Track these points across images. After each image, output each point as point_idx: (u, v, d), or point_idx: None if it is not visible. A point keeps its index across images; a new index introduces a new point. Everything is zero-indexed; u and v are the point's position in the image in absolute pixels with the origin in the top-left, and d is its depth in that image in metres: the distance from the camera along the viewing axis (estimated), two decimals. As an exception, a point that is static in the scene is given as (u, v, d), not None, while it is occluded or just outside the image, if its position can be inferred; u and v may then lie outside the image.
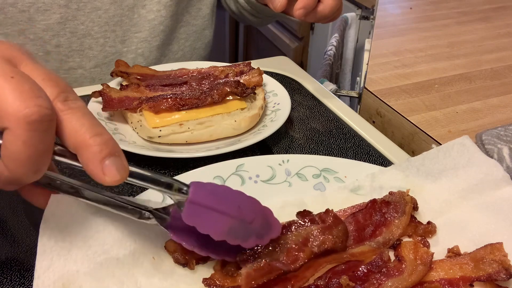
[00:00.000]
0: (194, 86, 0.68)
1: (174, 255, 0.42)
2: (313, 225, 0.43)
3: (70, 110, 0.33)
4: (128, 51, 0.84)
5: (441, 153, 0.50)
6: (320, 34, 1.98)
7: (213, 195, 0.39)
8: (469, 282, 0.40)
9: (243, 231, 0.39)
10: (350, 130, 0.66)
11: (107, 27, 0.79)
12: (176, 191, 0.37)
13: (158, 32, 0.85)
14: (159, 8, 0.83)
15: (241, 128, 0.62)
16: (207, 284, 0.40)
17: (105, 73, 0.83)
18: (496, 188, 0.47)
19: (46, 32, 0.75)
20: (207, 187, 0.39)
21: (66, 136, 0.33)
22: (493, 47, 0.91)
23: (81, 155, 0.33)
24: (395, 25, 1.03)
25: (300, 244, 0.42)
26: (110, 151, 0.33)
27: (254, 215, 0.40)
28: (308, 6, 0.64)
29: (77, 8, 0.76)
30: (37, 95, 0.31)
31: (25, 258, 0.44)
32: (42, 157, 0.32)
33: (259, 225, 0.40)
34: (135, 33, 0.83)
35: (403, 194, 0.47)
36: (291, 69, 0.83)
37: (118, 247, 0.40)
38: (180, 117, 0.61)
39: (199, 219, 0.38)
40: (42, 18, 0.74)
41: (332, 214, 0.44)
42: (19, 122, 0.30)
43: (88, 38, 0.79)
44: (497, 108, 0.71)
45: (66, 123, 0.33)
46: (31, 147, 0.31)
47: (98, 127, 0.34)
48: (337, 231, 0.43)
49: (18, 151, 0.31)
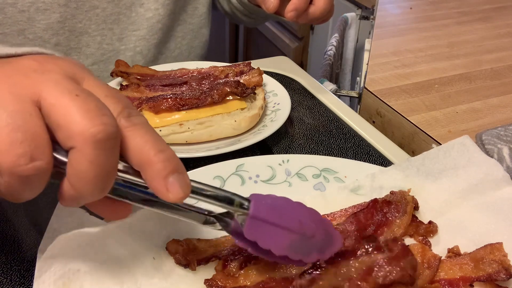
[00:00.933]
0: (194, 86, 0.68)
1: (176, 256, 0.42)
2: (379, 254, 0.39)
3: (134, 126, 0.33)
4: (126, 49, 0.84)
5: (441, 153, 0.50)
6: (320, 34, 1.98)
7: (274, 209, 0.38)
8: (469, 282, 0.40)
9: (305, 246, 0.38)
10: (350, 130, 0.66)
11: (104, 25, 0.80)
12: (237, 207, 0.37)
13: (156, 30, 0.85)
14: (157, 7, 0.83)
15: (241, 128, 0.62)
16: (208, 285, 0.40)
17: (102, 70, 0.84)
18: (496, 188, 0.47)
19: (46, 32, 0.75)
20: (267, 200, 0.38)
21: (129, 153, 0.33)
22: (493, 47, 0.91)
23: (145, 172, 0.33)
24: (395, 25, 1.03)
25: (364, 274, 0.38)
26: (173, 168, 0.33)
27: (315, 228, 0.39)
28: (300, 8, 0.65)
29: (76, 7, 0.76)
30: (102, 113, 0.31)
31: (25, 258, 0.44)
32: (108, 175, 0.32)
33: (320, 239, 0.39)
34: (133, 31, 0.83)
35: (404, 193, 0.47)
36: (291, 69, 0.83)
37: (118, 247, 0.40)
38: (180, 117, 0.61)
39: (261, 234, 0.37)
40: (42, 18, 0.74)
41: (400, 243, 0.40)
42: (86, 141, 0.30)
43: (85, 36, 0.80)
44: (497, 108, 0.71)
45: (130, 140, 0.33)
46: (98, 166, 0.30)
47: (161, 143, 0.33)
48: (405, 262, 0.39)
49: (85, 171, 0.30)
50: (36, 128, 0.30)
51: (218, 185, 0.50)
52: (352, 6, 1.64)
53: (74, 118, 0.30)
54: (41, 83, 0.31)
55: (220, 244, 0.44)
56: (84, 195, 0.32)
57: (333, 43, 1.34)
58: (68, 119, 0.30)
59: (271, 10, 0.67)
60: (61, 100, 0.30)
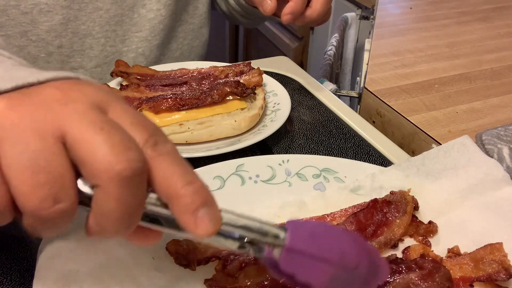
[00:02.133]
0: (194, 86, 0.68)
1: (176, 256, 0.42)
2: (412, 273, 0.38)
3: (161, 156, 0.31)
4: (128, 50, 0.84)
5: (441, 153, 0.50)
6: (320, 34, 1.98)
7: (313, 239, 0.35)
8: (469, 282, 0.40)
9: (347, 279, 0.35)
10: (350, 130, 0.66)
11: (108, 27, 0.80)
12: (272, 237, 0.34)
13: (158, 31, 0.85)
14: (159, 7, 0.83)
15: (241, 128, 0.62)
16: (209, 285, 0.40)
17: (105, 72, 0.83)
18: (496, 188, 0.47)
19: (49, 33, 0.75)
20: (305, 228, 0.35)
21: (156, 185, 0.31)
22: (493, 47, 0.91)
23: (172, 205, 0.31)
24: (395, 25, 1.03)
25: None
26: (202, 201, 0.31)
27: (359, 259, 0.35)
28: (296, 12, 0.64)
29: (79, 9, 0.76)
30: (128, 148, 0.29)
31: (25, 258, 0.44)
32: (135, 212, 0.30)
33: (365, 270, 0.35)
34: (135, 32, 0.83)
35: (404, 193, 0.47)
36: (291, 69, 0.83)
37: (118, 247, 0.40)
38: (180, 117, 0.61)
39: (298, 267, 0.34)
40: (45, 20, 0.74)
41: (429, 259, 0.40)
42: (111, 180, 0.28)
43: (89, 38, 0.79)
44: (497, 108, 0.71)
45: (157, 171, 0.31)
46: (123, 205, 0.29)
47: (190, 174, 0.32)
48: (440, 277, 0.38)
49: (110, 210, 0.29)
50: (59, 168, 0.28)
51: (218, 185, 0.50)
52: (352, 6, 1.64)
53: (98, 154, 0.28)
54: (64, 115, 0.29)
55: (220, 244, 0.44)
56: (110, 232, 0.31)
57: (333, 43, 1.34)
58: (92, 155, 0.28)
59: (268, 12, 0.66)
60: (85, 135, 0.29)
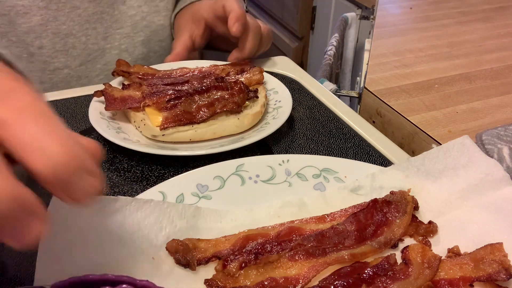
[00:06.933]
0: (196, 85, 0.68)
1: (176, 256, 0.42)
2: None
3: None
4: (111, 47, 0.84)
5: (441, 153, 0.50)
6: (320, 34, 1.98)
7: None
8: (469, 282, 0.40)
9: None
10: (350, 130, 0.66)
11: (87, 25, 0.80)
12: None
13: (141, 27, 0.85)
14: (139, 4, 0.84)
15: (244, 126, 0.63)
16: (208, 285, 0.40)
17: (90, 70, 0.84)
18: (496, 188, 0.47)
19: (28, 35, 0.76)
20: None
21: None
22: (493, 47, 0.91)
23: None
24: (395, 25, 1.03)
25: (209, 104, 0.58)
26: None
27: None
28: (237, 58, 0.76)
29: (57, 9, 0.76)
30: None
31: (25, 258, 0.44)
32: None
33: None
34: (116, 29, 0.84)
35: (404, 193, 0.47)
36: (291, 69, 0.83)
37: (118, 247, 0.40)
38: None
39: None
40: (23, 21, 0.74)
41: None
42: None
43: (71, 38, 0.80)
44: (497, 108, 0.71)
45: None
46: None
47: None
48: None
49: None
50: None
51: (218, 185, 0.50)
52: (352, 6, 1.64)
53: None
54: None
55: (220, 244, 0.44)
56: None
57: (333, 43, 1.34)
58: None
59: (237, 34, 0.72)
60: None
